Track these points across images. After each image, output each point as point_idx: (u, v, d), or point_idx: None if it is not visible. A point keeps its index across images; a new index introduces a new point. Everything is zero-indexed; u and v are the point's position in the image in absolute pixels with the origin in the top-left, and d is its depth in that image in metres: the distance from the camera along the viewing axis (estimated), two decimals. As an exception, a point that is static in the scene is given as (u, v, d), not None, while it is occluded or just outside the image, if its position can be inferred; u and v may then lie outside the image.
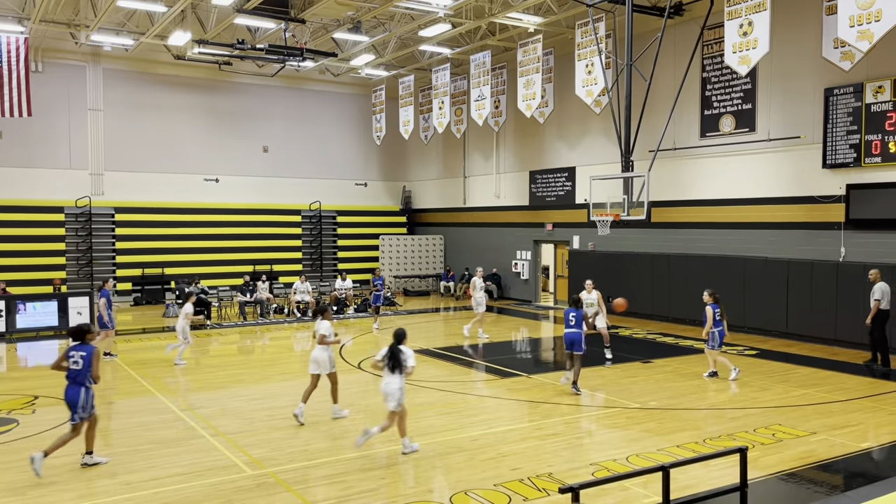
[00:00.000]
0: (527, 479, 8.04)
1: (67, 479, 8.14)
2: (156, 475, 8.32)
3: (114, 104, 26.11)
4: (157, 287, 25.81)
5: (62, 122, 25.18)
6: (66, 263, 25.11)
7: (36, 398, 12.03)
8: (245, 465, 8.63)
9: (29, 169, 24.73)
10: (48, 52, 24.45)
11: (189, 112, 27.59)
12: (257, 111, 28.92)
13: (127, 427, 10.41)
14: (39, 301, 19.40)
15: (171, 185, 27.13)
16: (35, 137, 24.63)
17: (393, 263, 29.83)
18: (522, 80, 22.14)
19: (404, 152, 32.41)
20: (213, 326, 20.65)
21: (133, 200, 26.39)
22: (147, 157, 26.69)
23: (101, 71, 25.86)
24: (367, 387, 12.98)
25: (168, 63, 26.10)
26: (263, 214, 28.76)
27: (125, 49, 24.67)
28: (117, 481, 8.09)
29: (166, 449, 9.34)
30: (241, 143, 28.64)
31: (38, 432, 10.01)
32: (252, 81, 28.42)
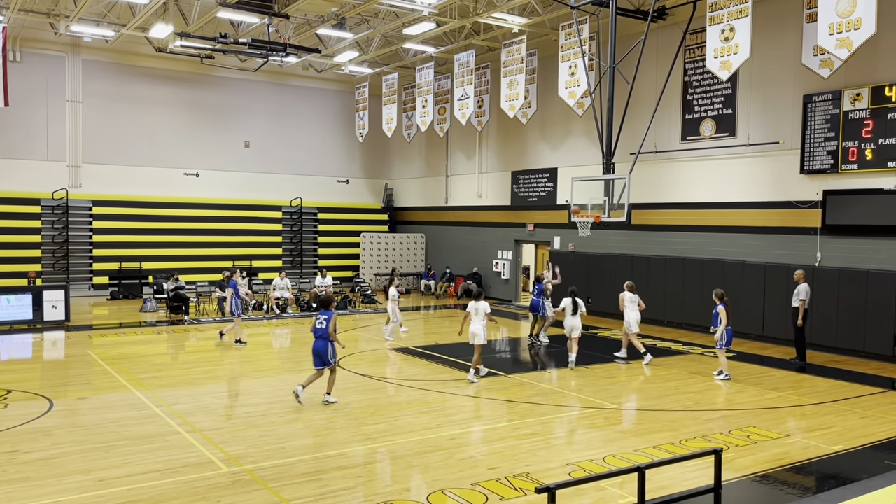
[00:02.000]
0: (504, 478, 8.06)
1: (39, 476, 8.03)
2: (130, 472, 8.24)
3: (93, 96, 25.79)
4: (134, 281, 25.54)
5: (40, 113, 24.83)
6: (41, 256, 24.76)
7: (9, 392, 11.85)
8: (221, 461, 8.57)
9: (5, 160, 24.37)
10: (27, 42, 24.10)
11: (170, 105, 27.31)
12: (239, 106, 28.71)
13: (101, 423, 10.28)
14: (14, 294, 19.11)
15: (151, 178, 26.86)
16: (12, 128, 24.27)
17: (374, 261, 29.76)
18: (506, 80, 22.18)
19: (387, 150, 32.35)
20: (191, 322, 20.47)
21: (111, 193, 26.08)
22: (126, 149, 26.40)
23: (81, 62, 25.53)
24: (345, 384, 12.93)
25: (149, 55, 25.83)
26: (244, 210, 28.56)
27: (105, 40, 24.38)
28: (91, 478, 8.00)
29: (141, 445, 9.24)
30: (223, 137, 28.42)
31: (9, 427, 9.86)
32: (234, 76, 28.20)
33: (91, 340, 17.32)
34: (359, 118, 29.72)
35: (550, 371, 14.66)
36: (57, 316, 19.18)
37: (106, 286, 25.42)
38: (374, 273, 29.55)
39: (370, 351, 16.09)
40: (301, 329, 19.81)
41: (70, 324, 19.23)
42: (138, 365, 14.47)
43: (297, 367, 14.55)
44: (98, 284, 25.38)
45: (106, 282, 25.48)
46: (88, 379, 13.29)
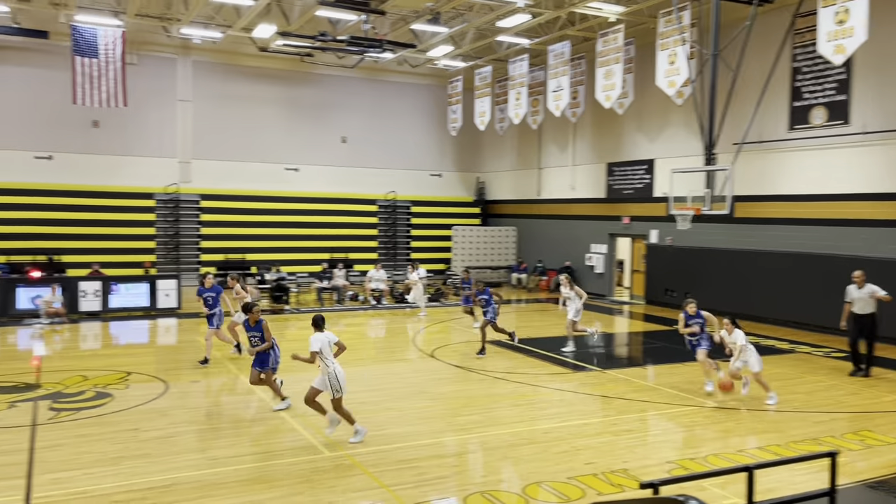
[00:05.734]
0: (601, 473, 7.98)
1: (158, 453, 8.56)
2: (239, 452, 8.66)
3: (202, 95, 27.10)
4: (238, 272, 26.64)
5: (154, 113, 26.30)
6: (155, 247, 26.28)
7: (129, 374, 12.66)
8: (323, 446, 8.87)
9: (123, 157, 25.97)
10: (143, 46, 25.54)
11: (272, 103, 28.36)
12: (336, 102, 29.46)
13: (211, 405, 10.85)
14: (131, 283, 20.41)
15: (254, 173, 27.99)
16: (130, 127, 25.81)
17: (466, 254, 29.93)
18: (602, 70, 21.78)
19: (479, 143, 32.41)
20: (291, 311, 21.23)
21: (218, 188, 27.35)
22: (232, 146, 27.61)
23: (191, 63, 26.87)
24: (439, 374, 13.10)
25: (253, 55, 26.88)
26: (341, 203, 29.33)
27: (213, 42, 25.53)
28: (204, 456, 8.46)
29: (248, 428, 9.69)
30: (321, 133, 29.25)
31: (130, 406, 10.55)
32: (332, 73, 28.95)
33: (200, 327, 18.23)
34: (451, 112, 29.92)
35: (647, 367, 14.36)
36: (169, 304, 20.33)
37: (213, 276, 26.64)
38: (466, 266, 29.70)
39: (463, 343, 16.21)
40: (395, 320, 20.18)
41: (181, 311, 20.32)
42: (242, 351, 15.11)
43: (391, 356, 14.86)
44: (206, 274, 26.64)
45: (213, 272, 26.72)
46: (199, 364, 14.01)
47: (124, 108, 23.46)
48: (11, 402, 10.64)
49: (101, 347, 16.26)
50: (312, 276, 24.45)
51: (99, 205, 25.41)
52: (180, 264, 26.32)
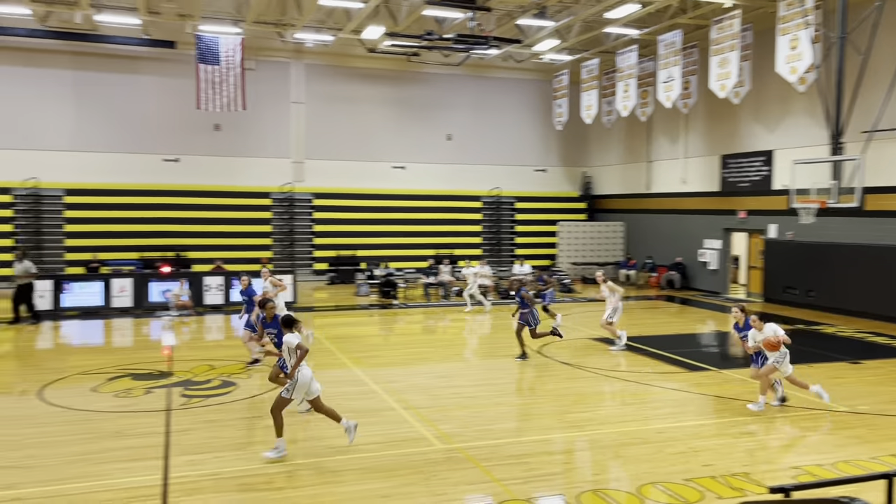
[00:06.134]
0: (720, 476, 7.72)
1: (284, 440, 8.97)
2: (355, 442, 8.95)
3: (314, 97, 28.12)
4: (349, 268, 27.54)
5: (269, 115, 27.52)
6: (271, 244, 27.53)
7: (249, 364, 13.32)
8: (435, 438, 9.04)
9: (242, 158, 27.33)
10: (259, 51, 26.75)
11: (379, 103, 29.05)
12: (442, 100, 29.81)
13: (328, 396, 11.23)
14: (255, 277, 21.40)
15: (363, 172, 28.76)
16: (247, 129, 27.14)
17: (571, 250, 29.58)
18: (716, 58, 20.94)
19: (585, 137, 31.90)
20: (399, 306, 21.70)
21: (329, 186, 28.31)
22: (342, 146, 28.49)
23: (304, 66, 27.93)
24: (546, 371, 13.04)
25: (362, 56, 27.60)
26: (446, 200, 29.67)
27: (325, 45, 26.42)
28: (322, 444, 8.81)
29: (364, 418, 9.98)
30: (427, 131, 29.69)
31: (253, 395, 11.13)
32: (438, 71, 29.29)
33: (314, 320, 18.95)
34: (557, 106, 29.61)
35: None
36: (285, 297, 21.16)
37: (325, 272, 27.67)
38: (572, 262, 29.35)
39: (571, 340, 16.05)
40: (499, 316, 20.22)
41: (297, 305, 21.18)
42: (355, 344, 15.62)
43: (496, 351, 14.90)
44: (318, 270, 27.72)
45: (325, 268, 27.75)
46: (314, 355, 14.55)
47: (243, 111, 24.67)
48: (148, 388, 11.46)
49: (224, 339, 17.19)
50: (419, 272, 24.88)
51: (221, 204, 26.87)
52: (295, 260, 27.42)
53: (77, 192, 25.34)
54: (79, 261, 24.64)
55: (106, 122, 25.72)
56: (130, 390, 11.31)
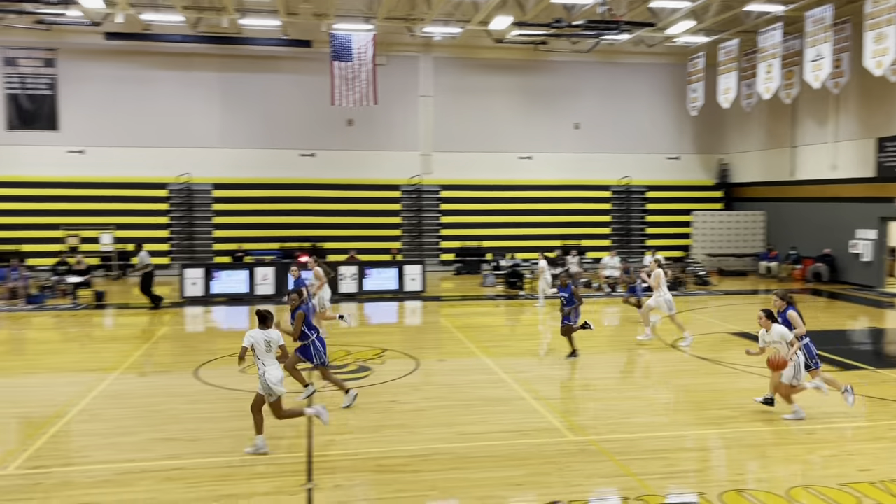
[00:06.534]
0: (879, 482, 7.17)
1: (413, 424, 9.22)
2: (486, 429, 9.05)
3: (442, 90, 28.50)
4: (475, 259, 27.76)
5: (399, 109, 28.16)
6: (401, 235, 28.23)
7: (384, 351, 13.75)
8: (566, 430, 8.97)
9: (372, 152, 28.16)
10: (390, 46, 27.40)
11: (507, 93, 29.01)
12: (569, 88, 29.34)
13: (458, 383, 11.44)
14: (381, 268, 22.15)
15: (490, 163, 28.84)
16: (378, 124, 27.92)
17: (706, 241, 28.31)
18: (871, 34, 19.28)
19: (722, 122, 30.37)
20: (525, 297, 21.64)
21: (457, 178, 28.61)
22: (469, 137, 28.71)
23: (432, 59, 28.35)
24: (681, 365, 12.58)
25: (488, 47, 27.65)
26: (573, 190, 29.22)
27: (452, 37, 26.69)
28: (454, 431, 8.96)
29: (494, 407, 10.07)
30: (554, 120, 29.34)
31: (387, 380, 11.48)
32: (565, 59, 28.84)
33: (441, 310, 19.29)
34: (691, 91, 28.37)
35: (931, 369, 12.56)
36: (415, 287, 21.73)
37: (451, 262, 28.05)
38: (707, 253, 28.10)
39: (708, 334, 15.39)
40: (630, 308, 19.68)
41: (425, 294, 21.62)
42: (483, 334, 15.73)
43: (629, 345, 14.53)
44: (445, 261, 28.14)
45: (452, 258, 28.12)
46: (444, 344, 14.85)
47: (374, 106, 25.40)
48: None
49: (359, 326, 17.82)
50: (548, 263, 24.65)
51: (353, 196, 27.83)
52: (423, 251, 27.98)
53: (224, 187, 27.09)
54: (225, 251, 26.35)
55: (248, 120, 27.29)
56: (274, 372, 11.97)
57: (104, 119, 26.23)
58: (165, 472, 7.54)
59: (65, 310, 18.79)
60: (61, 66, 25.91)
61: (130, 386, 11.35)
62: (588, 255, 27.09)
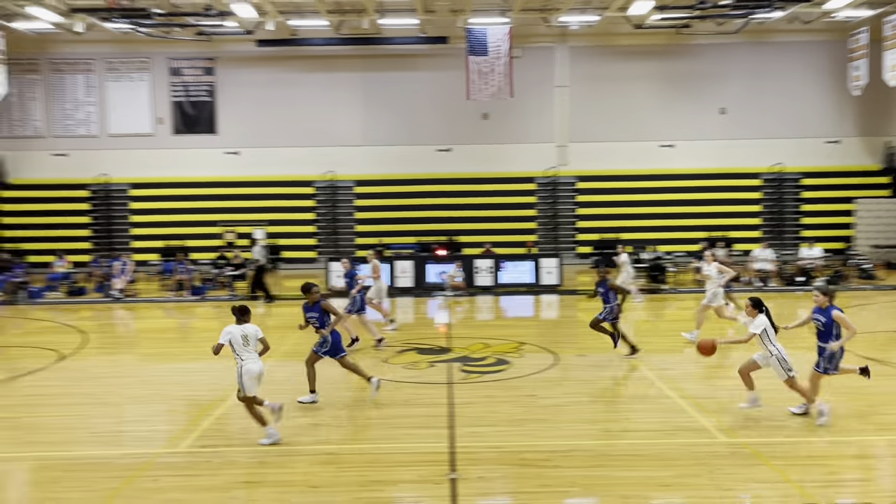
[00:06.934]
0: None
1: (554, 419, 9.16)
2: (630, 427, 8.83)
3: (578, 79, 27.99)
4: (613, 251, 27.04)
5: (534, 101, 27.94)
6: (536, 228, 28.07)
7: (522, 344, 13.72)
8: (717, 430, 8.57)
9: (507, 145, 28.14)
10: (525, 38, 27.22)
11: (646, 80, 28.03)
12: (714, 72, 27.89)
13: (599, 379, 11.23)
14: (517, 261, 22.15)
15: (629, 152, 28.00)
16: (512, 116, 27.85)
17: (872, 232, 25.99)
18: None
19: (889, 102, 27.70)
20: (669, 291, 20.86)
21: (593, 169, 28.02)
22: (606, 127, 28.01)
23: (568, 49, 27.92)
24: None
25: (627, 34, 26.82)
26: (719, 179, 27.78)
27: (589, 25, 26.14)
28: (597, 428, 8.82)
29: (637, 404, 9.81)
30: (697, 106, 28.02)
31: (526, 374, 11.46)
32: (710, 42, 27.43)
33: (579, 304, 18.98)
34: (853, 69, 26.10)
35: None
36: (551, 281, 21.53)
37: (588, 255, 27.54)
38: (873, 245, 25.80)
39: (873, 333, 14.16)
40: (784, 303, 18.50)
41: (562, 288, 21.37)
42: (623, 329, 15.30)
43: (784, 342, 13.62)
44: (582, 253, 27.67)
45: (588, 251, 27.61)
46: (582, 338, 14.59)
47: (509, 99, 25.38)
48: (431, 362, 12.36)
49: (495, 318, 17.94)
50: (690, 256, 23.66)
51: (488, 190, 27.98)
52: (559, 244, 27.66)
53: (365, 183, 28.10)
54: (367, 245, 27.30)
55: (388, 118, 28.10)
56: (416, 363, 12.29)
57: (257, 121, 27.94)
58: (318, 456, 7.94)
59: (224, 300, 20.22)
60: (219, 74, 27.88)
61: (284, 372, 12.04)
62: (736, 248, 25.70)
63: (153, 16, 21.67)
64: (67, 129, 28.10)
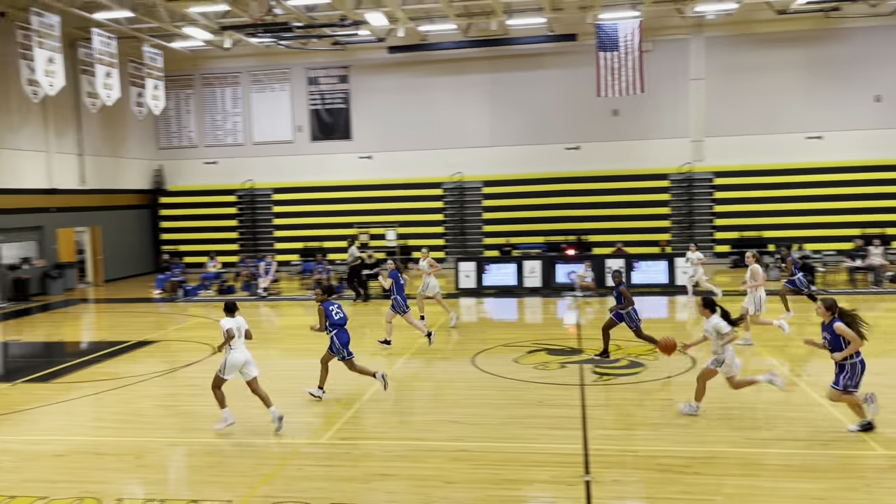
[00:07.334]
0: None
1: (694, 425, 8.80)
2: (776, 435, 8.37)
3: (714, 70, 26.77)
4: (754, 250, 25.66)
5: (667, 95, 27.01)
6: (670, 226, 27.11)
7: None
8: (875, 442, 7.94)
9: (638, 141, 27.40)
10: (657, 31, 26.41)
11: (789, 68, 26.39)
12: (867, 56, 25.78)
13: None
14: (650, 260, 21.49)
15: (770, 146, 26.47)
16: (644, 112, 27.07)
17: None
18: None
19: None
20: (818, 292, 19.50)
21: (731, 164, 26.72)
22: (746, 119, 26.62)
23: (703, 40, 26.76)
24: None
25: (769, 20, 25.37)
26: (875, 171, 25.67)
27: (727, 14, 24.95)
28: (740, 434, 8.40)
29: (784, 412, 9.26)
30: (848, 94, 26.02)
31: (662, 377, 11.11)
32: (862, 24, 25.41)
33: (718, 305, 18.06)
34: None
35: None
36: (686, 281, 20.68)
37: (727, 254, 26.27)
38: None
39: None
40: (956, 307, 16.81)
41: (699, 289, 20.49)
42: (766, 331, 14.42)
43: None
44: (720, 252, 26.43)
45: (727, 250, 26.34)
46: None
47: (640, 94, 24.69)
48: (562, 363, 12.26)
49: (627, 320, 17.46)
50: (841, 255, 22.04)
51: (618, 188, 27.33)
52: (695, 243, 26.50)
53: (493, 183, 28.27)
54: (494, 245, 27.48)
55: (515, 118, 28.11)
56: (547, 363, 12.23)
57: (388, 126, 28.82)
58: (451, 453, 8.09)
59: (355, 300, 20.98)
60: (352, 81, 29.01)
61: (416, 370, 12.37)
62: (894, 246, 23.67)
63: (293, 29, 22.87)
64: (217, 139, 30.23)
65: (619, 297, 12.19)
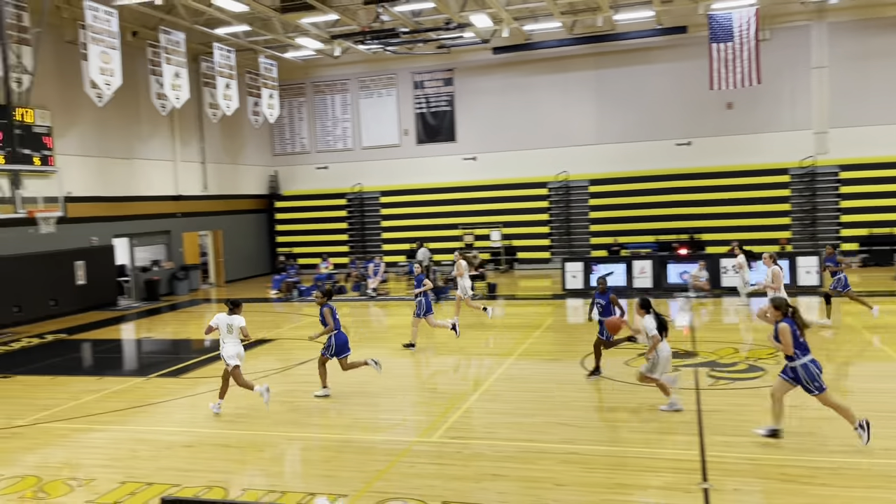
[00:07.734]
0: None
1: (821, 432, 8.32)
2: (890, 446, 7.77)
3: (839, 58, 25.14)
4: (885, 248, 23.98)
5: (786, 85, 25.62)
6: (790, 223, 25.70)
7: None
8: None
9: (754, 135, 26.10)
10: (774, 19, 25.11)
11: (925, 51, 24.45)
12: None
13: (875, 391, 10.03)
14: (769, 259, 20.38)
15: (903, 136, 24.63)
16: (760, 104, 25.78)
17: None
18: None
19: None
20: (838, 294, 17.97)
21: (859, 157, 25.00)
22: (876, 109, 24.81)
23: (826, 26, 25.19)
24: None
25: (899, 2, 23.63)
26: None
27: (853, -3, 23.45)
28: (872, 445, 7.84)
29: (923, 422, 8.60)
30: None
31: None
32: None
33: (843, 307, 16.97)
34: None
35: None
36: (810, 281, 19.65)
37: (855, 252, 24.65)
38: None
39: None
40: None
41: (822, 290, 19.33)
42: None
43: None
44: (847, 251, 24.81)
45: (855, 248, 24.71)
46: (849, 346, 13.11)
47: (756, 85, 23.55)
48: (676, 366, 11.85)
49: (742, 321, 16.72)
50: None
51: (733, 184, 26.16)
52: (817, 240, 25.09)
53: (599, 182, 27.75)
54: (601, 244, 26.97)
55: (622, 115, 27.46)
56: (659, 366, 11.86)
57: (492, 127, 28.88)
58: (562, 455, 8.00)
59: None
60: (457, 84, 29.26)
61: (524, 371, 12.32)
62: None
63: (400, 35, 23.34)
64: (328, 145, 31.29)
65: (607, 304, 11.25)
